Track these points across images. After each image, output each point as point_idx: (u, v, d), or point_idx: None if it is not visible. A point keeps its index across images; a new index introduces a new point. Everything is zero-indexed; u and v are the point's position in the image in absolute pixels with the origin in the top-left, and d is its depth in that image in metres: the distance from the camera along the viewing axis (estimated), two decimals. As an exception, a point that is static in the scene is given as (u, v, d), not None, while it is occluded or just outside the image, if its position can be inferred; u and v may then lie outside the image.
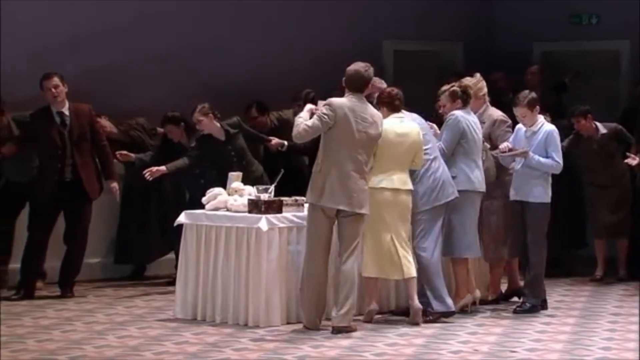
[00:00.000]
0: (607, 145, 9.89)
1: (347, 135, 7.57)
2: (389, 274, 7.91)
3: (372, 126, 7.64)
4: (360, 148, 7.60)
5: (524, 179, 8.28)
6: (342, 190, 7.56)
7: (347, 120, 7.56)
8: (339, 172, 7.58)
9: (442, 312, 7.94)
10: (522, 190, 8.29)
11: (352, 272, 7.64)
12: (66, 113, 8.85)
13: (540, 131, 8.31)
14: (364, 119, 7.60)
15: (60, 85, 8.80)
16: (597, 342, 7.45)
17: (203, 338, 7.51)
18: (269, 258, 7.82)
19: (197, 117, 9.02)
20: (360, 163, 7.60)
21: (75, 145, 8.82)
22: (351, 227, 7.63)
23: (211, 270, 8.01)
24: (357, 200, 7.58)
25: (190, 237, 8.13)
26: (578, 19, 11.74)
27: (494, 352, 7.15)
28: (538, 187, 8.26)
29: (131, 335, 7.60)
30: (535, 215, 8.27)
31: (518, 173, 8.31)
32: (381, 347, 7.25)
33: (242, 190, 8.23)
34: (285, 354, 7.08)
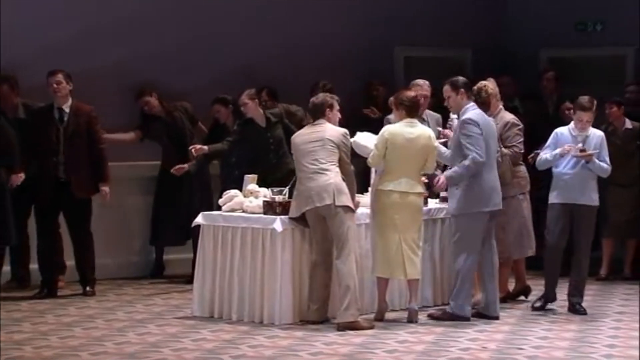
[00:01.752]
0: (630, 143, 9.83)
1: (297, 150, 7.75)
2: (395, 274, 7.90)
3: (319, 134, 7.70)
4: (314, 150, 7.66)
5: (580, 183, 8.08)
6: (304, 193, 7.66)
7: (296, 140, 7.80)
8: (300, 181, 7.72)
9: (456, 315, 7.88)
10: (577, 193, 8.07)
11: (346, 269, 7.62)
12: (66, 110, 8.84)
13: (593, 135, 8.16)
14: (310, 132, 7.74)
15: (63, 82, 8.80)
16: (603, 340, 7.42)
17: (220, 335, 7.51)
18: (283, 258, 7.82)
19: (243, 99, 9.22)
20: (320, 162, 7.64)
21: (68, 142, 8.77)
22: (332, 223, 7.64)
23: (227, 269, 8.02)
24: (318, 196, 7.60)
25: (208, 237, 8.14)
26: (583, 26, 11.70)
27: (502, 350, 7.13)
28: (593, 192, 8.13)
29: (150, 332, 7.61)
30: (592, 218, 8.14)
31: (572, 177, 8.07)
32: (392, 344, 7.24)
33: (257, 192, 8.24)
34: (299, 350, 7.08)
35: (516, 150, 8.54)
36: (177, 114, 9.76)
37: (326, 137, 7.71)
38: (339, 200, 7.62)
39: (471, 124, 7.85)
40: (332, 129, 7.78)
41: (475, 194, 7.85)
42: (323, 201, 7.62)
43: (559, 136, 8.20)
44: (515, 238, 8.59)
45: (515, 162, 8.59)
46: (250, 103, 9.19)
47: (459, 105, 8.01)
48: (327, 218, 7.68)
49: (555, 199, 8.14)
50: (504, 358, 6.93)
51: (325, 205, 7.62)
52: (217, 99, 9.70)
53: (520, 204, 8.62)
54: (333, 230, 7.68)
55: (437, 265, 8.61)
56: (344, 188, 7.68)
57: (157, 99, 9.69)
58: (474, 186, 7.85)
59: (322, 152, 7.69)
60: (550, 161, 8.13)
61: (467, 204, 7.86)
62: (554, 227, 8.15)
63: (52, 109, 8.86)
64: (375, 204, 7.91)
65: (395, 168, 7.83)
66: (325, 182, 7.64)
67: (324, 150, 7.69)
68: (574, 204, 8.10)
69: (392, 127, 7.97)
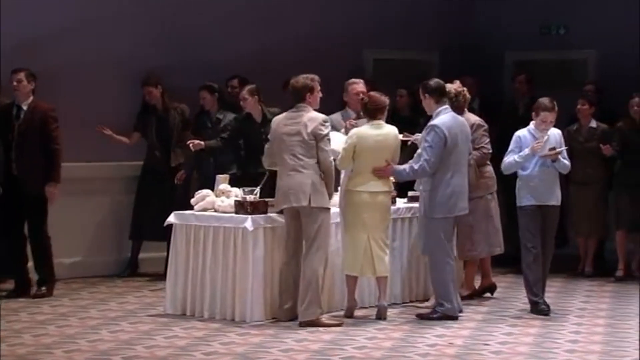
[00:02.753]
0: (591, 142, 9.89)
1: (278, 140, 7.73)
2: (364, 271, 7.93)
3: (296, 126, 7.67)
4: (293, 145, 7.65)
5: (548, 184, 8.07)
6: (283, 190, 7.70)
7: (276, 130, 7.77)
8: (280, 176, 7.75)
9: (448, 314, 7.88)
10: (546, 194, 8.06)
11: (309, 267, 7.63)
12: (24, 108, 8.80)
13: (553, 135, 8.15)
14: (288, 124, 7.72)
15: (24, 81, 8.78)
16: (565, 336, 7.49)
17: (192, 332, 7.51)
18: (255, 257, 7.83)
19: (243, 94, 9.30)
20: (298, 158, 7.64)
21: (20, 139, 8.71)
22: (305, 222, 7.66)
23: (200, 268, 8.02)
24: (295, 195, 7.62)
25: (180, 236, 8.14)
26: (547, 30, 11.79)
27: (468, 345, 7.18)
28: (559, 190, 8.14)
29: (123, 330, 7.59)
30: (557, 217, 8.15)
31: (540, 179, 8.05)
32: (361, 341, 7.27)
33: (229, 192, 8.25)
34: (270, 347, 7.09)
35: (484, 151, 8.58)
36: (173, 112, 9.81)
37: (305, 132, 7.67)
38: (314, 202, 7.62)
39: (436, 132, 7.84)
40: (311, 120, 7.69)
41: (442, 198, 7.87)
42: (299, 202, 7.63)
43: (521, 139, 8.16)
44: (484, 237, 8.64)
45: (483, 163, 8.64)
46: (250, 99, 9.25)
47: (430, 108, 8.04)
48: (302, 216, 7.69)
49: (528, 202, 8.09)
50: (469, 354, 6.98)
51: (301, 206, 7.64)
52: (204, 86, 9.73)
53: (488, 203, 8.67)
54: (304, 227, 7.70)
55: (405, 263, 8.65)
56: (321, 187, 7.67)
57: (160, 91, 9.75)
58: (441, 191, 7.87)
59: (301, 148, 7.67)
60: (518, 163, 8.09)
61: (435, 209, 7.87)
62: (533, 230, 8.09)
63: (12, 106, 8.85)
64: (344, 203, 7.93)
65: (364, 169, 7.86)
66: (303, 182, 7.63)
67: (302, 146, 7.66)
68: (545, 204, 8.10)
69: (359, 130, 7.99)
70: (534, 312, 8.13)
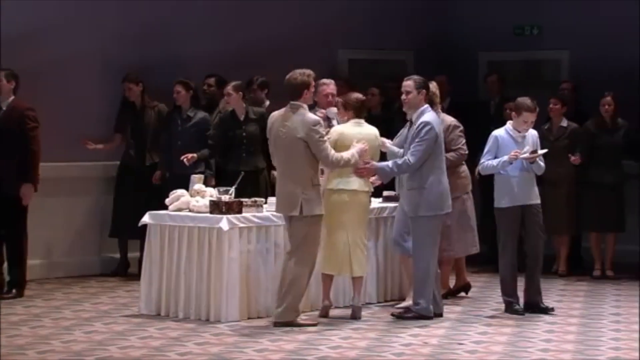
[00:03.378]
0: (561, 141, 9.92)
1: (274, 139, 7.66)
2: (342, 271, 7.90)
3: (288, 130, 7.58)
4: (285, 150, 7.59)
5: (526, 184, 8.03)
6: (278, 196, 7.68)
7: (272, 129, 7.67)
8: (277, 175, 7.71)
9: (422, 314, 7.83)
10: (526, 194, 8.03)
11: (291, 272, 7.58)
12: (3, 107, 8.73)
13: (529, 135, 8.13)
14: (284, 126, 7.61)
15: (3, 80, 8.71)
16: (540, 335, 7.50)
17: (166, 333, 7.45)
18: (230, 256, 7.79)
19: (228, 90, 9.32)
20: (291, 165, 7.56)
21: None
22: (291, 228, 7.63)
23: (174, 268, 7.96)
24: (287, 204, 7.59)
25: (154, 236, 8.08)
26: (521, 30, 11.82)
27: (443, 345, 7.17)
28: (536, 190, 8.11)
29: (97, 330, 7.53)
30: (541, 214, 8.11)
31: (518, 179, 8.01)
32: (336, 341, 7.24)
33: (204, 192, 8.20)
34: (244, 347, 7.05)
35: (461, 152, 8.56)
36: (150, 111, 9.78)
37: (295, 137, 7.55)
38: (305, 210, 7.55)
39: (430, 129, 7.75)
40: (301, 123, 7.55)
41: (434, 196, 7.80)
42: (290, 211, 7.57)
43: (499, 140, 8.10)
44: (460, 237, 8.62)
45: (459, 164, 8.62)
46: (234, 95, 9.28)
47: (416, 105, 7.89)
48: (292, 221, 7.61)
49: (507, 203, 8.05)
50: (444, 353, 6.96)
51: (291, 216, 7.58)
52: (180, 81, 9.68)
53: (465, 203, 8.65)
54: (293, 232, 7.62)
55: (380, 263, 8.63)
56: (313, 195, 7.56)
57: (141, 89, 9.72)
58: (434, 189, 7.80)
59: (291, 154, 7.57)
60: (496, 167, 8.03)
61: (428, 207, 7.79)
62: (511, 232, 8.06)
63: None
64: (324, 202, 7.88)
65: (344, 168, 7.81)
66: (292, 192, 7.53)
67: (292, 152, 7.56)
68: (524, 204, 8.06)
69: (340, 128, 7.96)
70: (509, 312, 8.12)
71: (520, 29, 11.81)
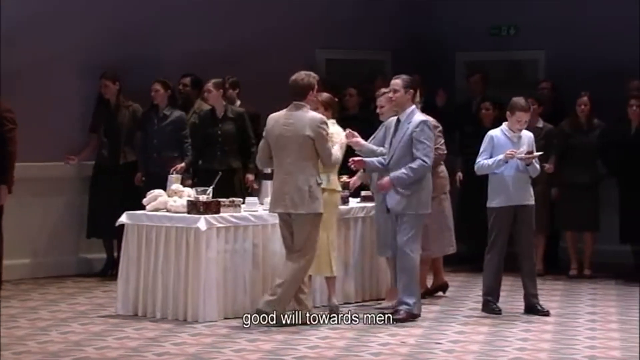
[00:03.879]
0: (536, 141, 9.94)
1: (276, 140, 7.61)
2: (321, 271, 7.89)
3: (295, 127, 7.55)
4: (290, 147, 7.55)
5: (521, 184, 8.02)
6: (279, 194, 7.60)
7: (273, 129, 7.61)
8: (275, 177, 7.65)
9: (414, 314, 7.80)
10: (519, 194, 8.01)
11: (290, 269, 7.56)
12: None
13: (524, 136, 8.12)
14: (289, 124, 7.57)
15: None
16: (516, 334, 7.52)
17: (143, 333, 7.42)
18: (207, 256, 7.77)
19: (209, 86, 9.33)
20: (295, 162, 7.54)
21: None
22: (296, 227, 7.60)
23: (152, 268, 7.93)
24: (292, 201, 7.55)
25: (132, 236, 8.05)
26: (497, 30, 11.86)
27: (421, 344, 7.18)
28: (531, 191, 8.10)
29: (74, 331, 7.49)
30: (533, 215, 8.10)
31: (512, 179, 7.99)
32: (314, 341, 7.23)
33: (181, 192, 8.18)
34: (222, 347, 7.03)
35: (440, 152, 8.56)
36: (124, 111, 9.74)
37: (302, 134, 7.51)
38: (309, 208, 7.54)
39: (429, 128, 7.72)
40: (309, 120, 7.54)
41: (428, 195, 7.80)
42: (295, 208, 7.53)
43: (494, 140, 8.08)
44: (437, 236, 8.63)
45: (438, 164, 8.62)
46: (215, 92, 9.30)
47: (403, 104, 7.83)
48: (294, 220, 7.58)
49: (500, 203, 8.04)
50: (422, 352, 6.97)
51: (297, 213, 7.54)
52: (159, 80, 9.66)
53: (442, 203, 8.66)
54: (296, 231, 7.59)
55: (358, 263, 8.63)
56: (317, 192, 7.57)
57: (117, 88, 9.68)
58: (427, 187, 7.78)
59: (300, 150, 7.53)
60: (491, 167, 8.01)
61: (420, 205, 7.76)
62: (501, 231, 8.04)
63: None
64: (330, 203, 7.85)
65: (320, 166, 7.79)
66: (299, 187, 7.51)
67: (300, 149, 7.53)
68: (517, 205, 8.04)
69: None
70: (486, 311, 8.14)
71: (497, 29, 11.85)
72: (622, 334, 7.50)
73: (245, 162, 9.47)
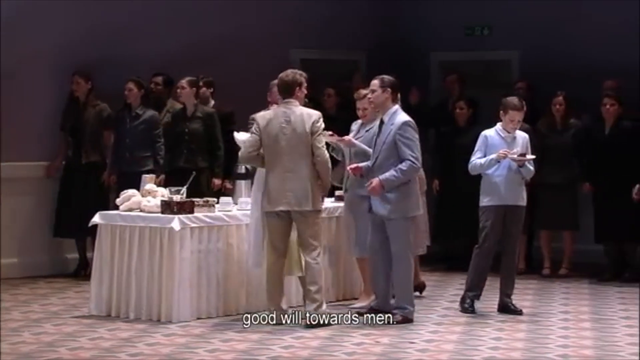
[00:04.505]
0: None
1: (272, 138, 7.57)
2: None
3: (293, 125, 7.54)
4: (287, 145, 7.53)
5: (512, 185, 8.00)
6: (279, 191, 7.55)
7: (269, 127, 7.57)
8: (272, 175, 7.59)
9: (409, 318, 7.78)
10: (510, 195, 7.99)
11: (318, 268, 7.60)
12: None
13: (519, 137, 8.10)
14: (287, 122, 7.56)
15: None
16: (490, 333, 7.55)
17: (117, 334, 7.40)
18: (181, 257, 7.75)
19: (182, 83, 9.39)
20: (294, 160, 7.53)
21: None
22: (302, 225, 7.60)
23: (125, 268, 7.91)
24: (296, 199, 7.53)
25: (105, 236, 8.02)
26: (471, 30, 11.91)
27: (395, 344, 7.19)
28: (524, 192, 8.09)
29: (46, 332, 7.45)
30: (523, 217, 8.10)
31: (504, 179, 7.98)
32: (288, 340, 7.24)
33: (155, 192, 8.15)
34: (196, 347, 7.02)
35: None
36: (90, 109, 9.69)
37: (302, 131, 7.51)
38: (314, 206, 7.56)
39: (413, 128, 7.69)
40: (306, 117, 7.55)
41: (414, 197, 7.76)
42: (301, 206, 7.52)
43: (488, 139, 8.07)
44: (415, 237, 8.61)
45: None
46: (188, 89, 9.36)
47: (383, 104, 7.78)
48: (298, 218, 7.57)
49: (490, 202, 8.03)
50: (395, 352, 6.98)
51: (302, 210, 7.53)
52: (132, 79, 9.64)
53: None
54: (303, 230, 7.58)
55: (334, 262, 8.63)
56: (317, 190, 7.59)
57: (89, 87, 9.64)
58: (413, 190, 7.74)
59: (299, 147, 7.52)
60: (484, 166, 8.01)
61: (408, 208, 7.72)
62: (491, 230, 8.04)
63: None
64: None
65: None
66: (303, 186, 7.51)
67: (297, 147, 7.53)
68: (508, 205, 8.03)
69: None
70: (461, 308, 8.15)
71: (470, 30, 11.89)
72: (594, 333, 7.55)
73: (211, 163, 9.46)
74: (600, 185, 9.94)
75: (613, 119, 9.90)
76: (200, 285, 7.85)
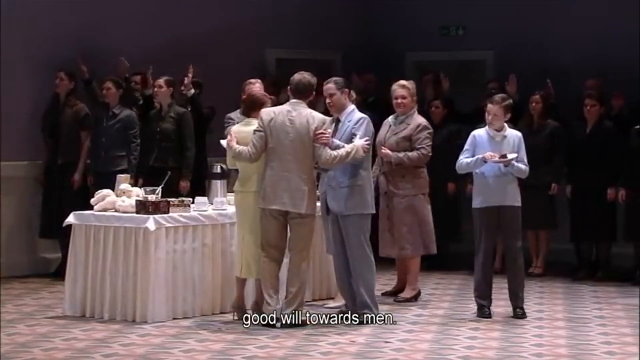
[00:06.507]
0: None
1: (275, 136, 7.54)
2: (254, 275, 7.83)
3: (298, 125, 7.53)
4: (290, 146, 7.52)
5: (502, 185, 7.97)
6: (275, 190, 7.53)
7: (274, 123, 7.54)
8: (270, 173, 7.56)
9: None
10: (500, 196, 7.95)
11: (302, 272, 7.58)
12: None
13: (511, 136, 8.06)
14: (291, 122, 7.55)
15: None
16: (465, 332, 7.59)
17: (91, 334, 7.38)
18: (156, 257, 7.74)
19: (159, 82, 9.41)
20: (295, 161, 7.51)
21: None
22: (296, 227, 7.58)
23: (100, 268, 7.89)
24: (292, 200, 7.51)
25: (79, 237, 8.00)
26: (446, 30, 11.96)
27: (370, 343, 7.22)
28: (517, 192, 8.04)
29: (20, 332, 7.41)
30: (517, 217, 8.03)
31: (493, 180, 7.96)
32: (264, 340, 7.24)
33: (130, 192, 8.13)
34: (171, 348, 7.01)
35: (423, 152, 8.55)
36: (67, 110, 9.65)
37: (306, 133, 7.48)
38: (309, 209, 7.54)
39: (369, 124, 7.75)
40: (312, 119, 7.51)
41: (370, 194, 7.77)
42: (296, 207, 7.49)
43: (476, 139, 8.05)
44: (416, 237, 8.62)
45: (421, 165, 8.64)
46: (165, 89, 9.38)
47: (342, 105, 7.87)
48: (292, 220, 7.55)
49: (481, 203, 8.01)
50: (370, 351, 7.01)
51: (296, 212, 7.51)
52: (110, 78, 9.62)
53: (422, 203, 8.65)
54: (295, 232, 7.56)
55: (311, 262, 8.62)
56: (315, 193, 7.59)
57: (71, 87, 9.62)
58: (366, 187, 7.73)
59: (301, 150, 7.50)
60: (470, 165, 8.00)
61: (368, 205, 7.73)
62: (485, 232, 8.00)
63: None
64: (243, 204, 7.81)
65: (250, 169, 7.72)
66: (300, 188, 7.48)
67: (302, 148, 7.49)
68: (499, 206, 7.99)
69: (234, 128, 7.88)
70: (480, 316, 8.03)
71: (445, 30, 11.95)
72: (568, 332, 7.61)
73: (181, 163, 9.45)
74: (578, 185, 9.98)
75: (594, 119, 9.94)
76: (175, 286, 7.84)
